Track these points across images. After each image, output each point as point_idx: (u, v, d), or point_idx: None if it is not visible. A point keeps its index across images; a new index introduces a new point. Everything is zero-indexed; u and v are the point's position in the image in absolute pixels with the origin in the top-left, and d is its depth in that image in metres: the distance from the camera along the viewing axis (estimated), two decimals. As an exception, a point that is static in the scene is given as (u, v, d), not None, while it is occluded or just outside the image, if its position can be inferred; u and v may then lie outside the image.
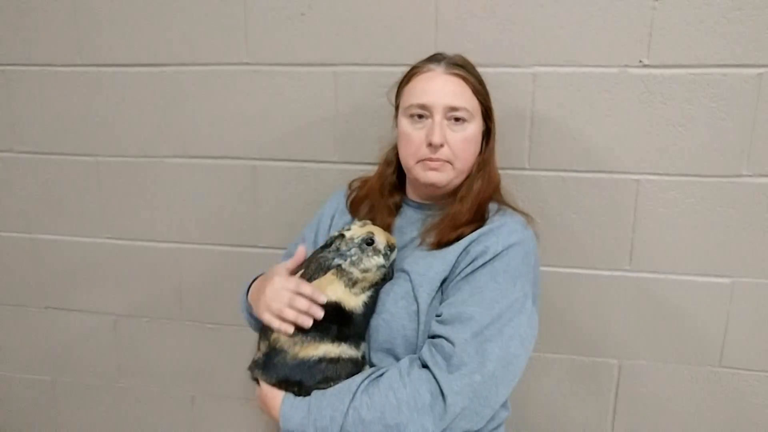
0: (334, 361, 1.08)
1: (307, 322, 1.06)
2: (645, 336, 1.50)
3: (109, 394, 1.92)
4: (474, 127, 1.15)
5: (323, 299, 1.07)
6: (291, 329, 1.06)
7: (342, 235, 1.13)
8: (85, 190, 1.74)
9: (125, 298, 1.81)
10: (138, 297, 1.80)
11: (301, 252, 1.18)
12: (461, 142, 1.13)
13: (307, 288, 1.08)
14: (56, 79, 1.65)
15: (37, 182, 1.76)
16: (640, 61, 1.34)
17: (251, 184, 1.62)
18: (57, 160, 1.72)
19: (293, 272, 1.16)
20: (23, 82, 1.68)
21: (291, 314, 1.06)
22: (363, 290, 1.11)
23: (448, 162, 1.14)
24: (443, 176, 1.15)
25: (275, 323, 1.07)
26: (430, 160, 1.13)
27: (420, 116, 1.14)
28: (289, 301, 1.07)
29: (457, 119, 1.13)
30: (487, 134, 1.21)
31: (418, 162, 1.15)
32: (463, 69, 1.16)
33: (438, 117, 1.12)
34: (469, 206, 1.15)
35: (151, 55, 1.59)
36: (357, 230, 1.13)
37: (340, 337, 1.09)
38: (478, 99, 1.16)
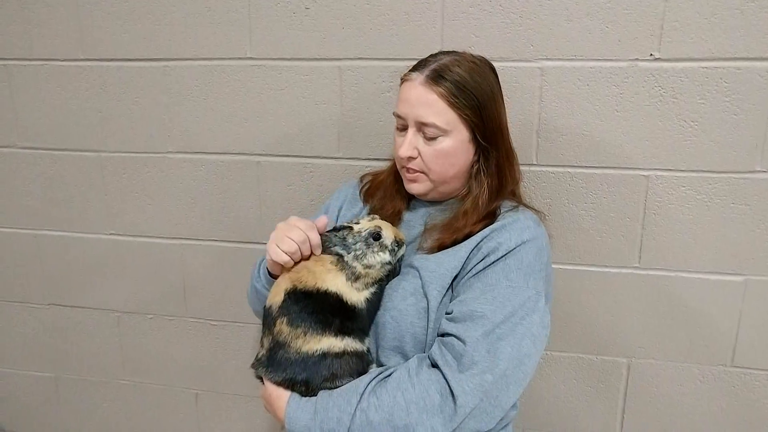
0: (339, 355, 1.05)
1: (304, 250, 1.08)
2: (655, 335, 1.47)
3: (112, 390, 1.92)
4: (451, 141, 1.09)
5: (321, 224, 1.11)
6: (285, 258, 1.08)
7: (350, 227, 1.11)
8: (88, 186, 1.73)
9: (129, 294, 1.80)
10: (142, 293, 1.79)
11: (323, 220, 1.16)
12: (432, 156, 1.10)
13: (302, 223, 1.10)
14: (59, 74, 1.64)
15: (39, 178, 1.75)
16: (651, 55, 1.31)
17: (255, 179, 1.61)
18: (60, 155, 1.71)
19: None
20: (25, 77, 1.67)
21: (286, 243, 1.08)
22: (366, 286, 1.09)
23: (422, 173, 1.13)
24: (421, 187, 1.15)
25: (272, 250, 1.08)
26: (407, 169, 1.14)
27: (402, 124, 1.14)
28: (286, 230, 1.09)
29: (427, 133, 1.10)
30: (481, 145, 1.13)
31: (402, 168, 1.17)
32: (443, 79, 1.07)
33: (411, 130, 1.11)
34: (474, 220, 1.11)
35: (154, 50, 1.57)
36: (365, 224, 1.12)
37: (343, 330, 1.07)
38: (455, 112, 1.08)
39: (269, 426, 1.83)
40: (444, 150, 1.10)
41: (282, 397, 1.07)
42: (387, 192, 1.26)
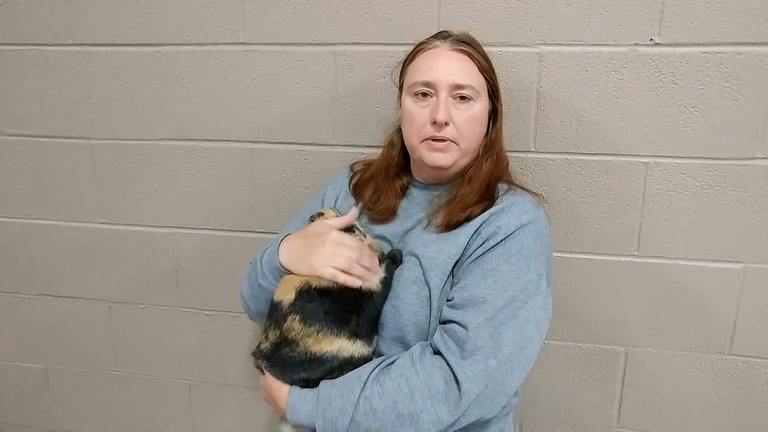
0: (347, 360, 1.04)
1: (372, 277, 1.06)
2: (653, 323, 1.46)
3: (104, 382, 1.90)
4: (480, 107, 1.12)
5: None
6: (359, 282, 1.04)
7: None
8: (78, 174, 1.69)
9: (120, 284, 1.77)
10: (133, 283, 1.76)
11: (354, 212, 1.13)
12: (466, 121, 1.10)
13: (367, 246, 1.09)
14: (47, 60, 1.61)
15: (28, 166, 1.72)
16: (651, 39, 1.29)
17: (248, 167, 1.58)
18: (48, 142, 1.68)
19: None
20: (12, 63, 1.63)
21: (359, 270, 1.05)
22: (380, 261, 1.10)
23: (453, 142, 1.11)
24: (448, 157, 1.12)
25: (341, 277, 1.03)
26: (435, 139, 1.10)
27: (424, 94, 1.11)
28: (358, 257, 1.05)
29: (462, 98, 1.10)
30: (494, 114, 1.18)
31: (422, 142, 1.12)
32: (470, 46, 1.13)
33: (443, 95, 1.09)
34: (477, 187, 1.12)
35: (144, 35, 1.54)
36: (329, 213, 1.16)
37: (356, 332, 1.05)
38: (484, 77, 1.14)
39: (263, 417, 1.82)
40: (475, 115, 1.11)
41: (283, 387, 1.05)
42: (380, 185, 1.24)
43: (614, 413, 1.55)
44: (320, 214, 1.16)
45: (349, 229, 1.12)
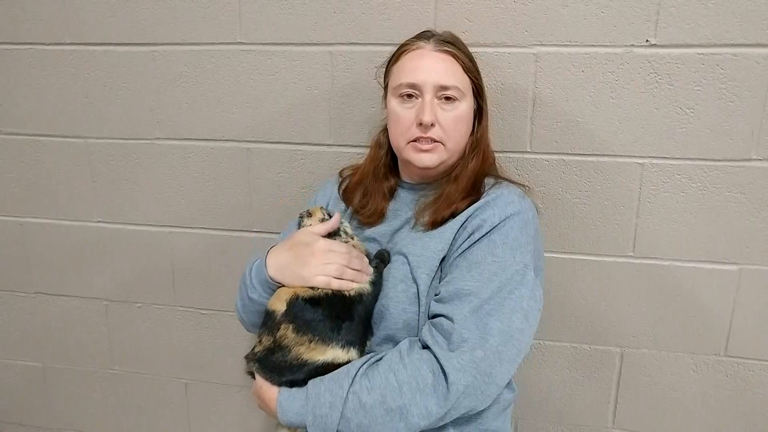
0: (339, 366, 1.04)
1: (364, 278, 1.08)
2: (648, 324, 1.46)
3: (100, 380, 1.90)
4: (465, 106, 1.13)
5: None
6: (353, 285, 1.06)
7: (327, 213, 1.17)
8: (74, 173, 1.70)
9: (117, 283, 1.78)
10: (130, 282, 1.76)
11: (337, 218, 1.14)
12: (452, 121, 1.11)
13: (356, 249, 1.11)
14: (44, 59, 1.61)
15: (25, 164, 1.72)
16: (647, 41, 1.29)
17: (245, 166, 1.58)
18: (45, 141, 1.68)
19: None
20: (10, 61, 1.63)
21: (351, 273, 1.06)
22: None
23: (439, 143, 1.11)
24: (435, 158, 1.12)
25: (335, 283, 1.05)
26: (421, 140, 1.11)
27: (410, 96, 1.12)
28: (348, 261, 1.06)
29: (447, 98, 1.10)
30: (479, 113, 1.19)
31: (408, 143, 1.13)
32: (454, 46, 1.14)
33: (428, 96, 1.09)
34: (464, 185, 1.12)
35: (141, 34, 1.54)
36: (317, 212, 1.17)
37: (349, 340, 1.05)
38: (468, 77, 1.14)
39: (260, 416, 1.82)
40: (460, 115, 1.12)
41: (272, 387, 1.06)
42: (368, 189, 1.24)
43: (609, 414, 1.55)
44: (309, 214, 1.16)
45: (334, 233, 1.13)
